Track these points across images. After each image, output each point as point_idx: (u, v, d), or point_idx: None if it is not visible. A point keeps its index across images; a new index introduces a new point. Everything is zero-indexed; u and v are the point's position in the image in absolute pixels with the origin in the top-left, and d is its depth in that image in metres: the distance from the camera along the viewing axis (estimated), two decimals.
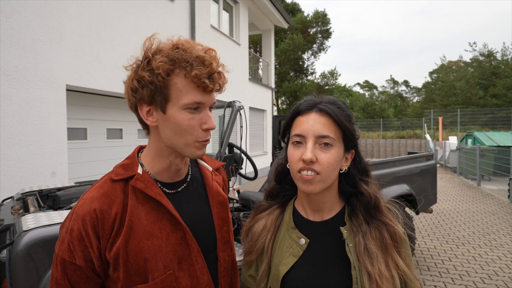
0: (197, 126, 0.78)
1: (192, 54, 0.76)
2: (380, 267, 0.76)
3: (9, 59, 3.74)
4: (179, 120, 0.77)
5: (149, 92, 0.77)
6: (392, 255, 0.80)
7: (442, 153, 14.20)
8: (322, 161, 0.77)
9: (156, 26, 6.14)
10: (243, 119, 3.01)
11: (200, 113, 0.79)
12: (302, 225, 0.87)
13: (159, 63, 0.74)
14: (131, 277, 0.78)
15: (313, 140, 0.78)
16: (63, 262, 0.77)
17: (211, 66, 0.76)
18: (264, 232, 0.90)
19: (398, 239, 0.82)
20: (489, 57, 27.25)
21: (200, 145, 0.80)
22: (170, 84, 0.76)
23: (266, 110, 12.51)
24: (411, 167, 3.84)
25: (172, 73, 0.75)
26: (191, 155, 0.82)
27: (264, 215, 0.93)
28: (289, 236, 0.86)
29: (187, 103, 0.76)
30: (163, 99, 0.77)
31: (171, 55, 0.75)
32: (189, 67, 0.75)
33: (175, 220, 0.82)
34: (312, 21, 24.22)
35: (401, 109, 40.50)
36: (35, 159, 3.99)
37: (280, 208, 0.94)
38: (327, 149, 0.78)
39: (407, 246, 0.85)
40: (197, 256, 0.85)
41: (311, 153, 0.77)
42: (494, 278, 3.52)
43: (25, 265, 1.60)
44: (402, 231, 0.85)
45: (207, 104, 0.79)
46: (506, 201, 7.23)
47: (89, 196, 0.80)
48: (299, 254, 0.83)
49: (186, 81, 0.76)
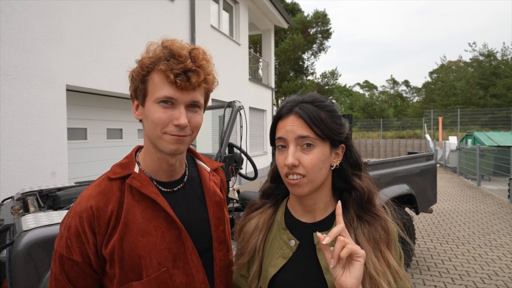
0: (167, 120, 0.79)
1: (171, 51, 0.78)
2: (373, 260, 0.75)
3: (9, 59, 3.74)
4: (151, 113, 0.80)
5: (134, 87, 0.83)
6: (383, 251, 0.77)
7: (442, 153, 14.20)
8: (305, 163, 0.77)
9: (156, 26, 6.14)
10: (243, 119, 3.02)
11: (174, 109, 0.79)
12: (293, 226, 0.86)
13: (142, 60, 0.80)
14: (126, 274, 0.80)
15: (294, 142, 0.78)
16: (61, 258, 0.79)
17: (186, 63, 0.77)
18: (256, 232, 0.89)
19: (391, 234, 0.80)
20: (489, 57, 27.24)
21: (170, 138, 0.80)
22: (148, 79, 0.80)
23: (266, 110, 12.51)
24: (411, 167, 3.84)
25: (152, 70, 0.79)
26: (165, 149, 0.82)
27: (256, 214, 0.93)
28: (279, 237, 0.86)
29: (158, 97, 0.78)
30: (142, 93, 0.82)
31: (155, 53, 0.80)
32: (163, 62, 0.77)
33: (170, 219, 0.84)
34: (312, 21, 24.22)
35: (401, 109, 40.49)
36: (35, 159, 3.99)
37: (273, 207, 0.93)
38: (309, 150, 0.77)
39: (397, 244, 0.83)
40: (192, 254, 0.86)
41: (292, 157, 0.76)
42: (494, 278, 3.52)
43: (25, 265, 1.60)
44: (394, 227, 0.83)
45: (181, 100, 0.79)
46: (506, 201, 7.23)
47: (87, 194, 0.82)
48: (289, 256, 0.82)
49: (159, 76, 0.78)
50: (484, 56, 27.68)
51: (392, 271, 0.75)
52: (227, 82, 9.07)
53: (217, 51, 8.64)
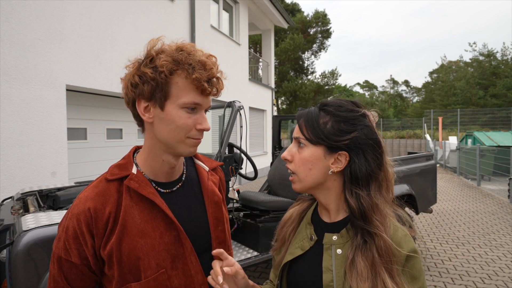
0: (192, 125, 0.81)
1: (195, 58, 0.80)
2: (363, 287, 0.70)
3: (9, 59, 3.74)
4: (175, 118, 0.80)
5: (150, 88, 0.79)
6: (381, 275, 0.70)
7: (442, 153, 14.20)
8: (295, 160, 0.83)
9: (156, 26, 6.14)
10: (243, 119, 3.02)
11: (196, 114, 0.82)
12: (317, 223, 0.89)
13: (163, 62, 0.77)
14: (124, 275, 0.80)
15: (294, 141, 0.85)
16: (60, 260, 0.80)
17: (211, 71, 0.80)
18: (289, 222, 0.94)
19: (388, 253, 0.72)
20: (489, 57, 27.22)
21: (192, 142, 0.83)
22: (171, 82, 0.79)
23: (266, 110, 12.51)
24: (411, 167, 3.84)
25: (174, 73, 0.78)
26: (183, 152, 0.84)
27: (295, 205, 0.99)
28: (305, 230, 0.89)
29: (186, 102, 0.79)
30: (163, 96, 0.79)
31: (175, 56, 0.79)
32: (191, 69, 0.78)
33: (169, 220, 0.84)
34: (312, 21, 24.23)
35: (401, 109, 40.46)
36: (35, 159, 3.99)
37: (309, 201, 0.97)
38: (301, 149, 0.83)
39: (411, 268, 0.75)
40: (191, 255, 0.86)
41: (287, 152, 0.85)
42: (494, 278, 3.53)
43: (25, 265, 1.60)
44: (391, 244, 0.73)
45: (204, 106, 0.83)
46: (506, 201, 7.23)
47: (84, 195, 0.82)
48: (306, 249, 0.85)
49: (187, 82, 0.79)
50: (484, 56, 27.66)
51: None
52: (227, 82, 9.01)
53: (217, 51, 8.64)
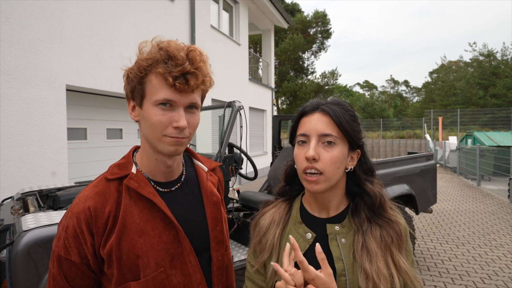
0: (167, 123, 0.79)
1: (169, 53, 0.78)
2: (379, 265, 0.77)
3: (9, 59, 3.74)
4: (150, 115, 0.80)
5: (130, 88, 0.83)
6: (393, 254, 0.79)
7: (442, 153, 14.20)
8: (324, 160, 0.79)
9: (156, 26, 6.14)
10: (243, 119, 3.01)
11: (172, 112, 0.80)
12: (309, 221, 0.88)
13: (139, 61, 0.79)
14: (124, 274, 0.80)
15: (316, 138, 0.80)
16: (59, 258, 0.80)
17: (184, 65, 0.77)
18: (273, 227, 0.91)
19: (403, 237, 0.83)
20: (489, 57, 27.22)
21: (170, 141, 0.80)
22: (146, 80, 0.80)
23: (266, 110, 12.51)
24: (411, 167, 3.84)
25: (149, 71, 0.79)
26: (163, 151, 0.82)
27: (270, 208, 0.96)
28: (295, 231, 0.88)
29: (157, 99, 0.78)
30: (140, 94, 0.81)
31: (151, 55, 0.79)
32: (162, 65, 0.77)
33: (168, 219, 0.84)
34: (312, 21, 24.23)
35: (401, 109, 40.47)
36: (35, 159, 3.99)
37: (286, 201, 0.95)
38: (330, 148, 0.80)
39: (409, 245, 0.85)
40: (189, 255, 0.86)
41: (314, 150, 0.79)
42: (494, 278, 3.53)
43: (25, 265, 1.60)
44: (407, 229, 0.85)
45: (180, 103, 0.80)
46: (506, 201, 7.23)
47: (84, 194, 0.83)
48: (305, 248, 0.84)
49: (158, 78, 0.78)
50: (484, 56, 27.65)
51: (402, 274, 0.78)
52: (227, 82, 9.07)
53: (217, 51, 8.64)
